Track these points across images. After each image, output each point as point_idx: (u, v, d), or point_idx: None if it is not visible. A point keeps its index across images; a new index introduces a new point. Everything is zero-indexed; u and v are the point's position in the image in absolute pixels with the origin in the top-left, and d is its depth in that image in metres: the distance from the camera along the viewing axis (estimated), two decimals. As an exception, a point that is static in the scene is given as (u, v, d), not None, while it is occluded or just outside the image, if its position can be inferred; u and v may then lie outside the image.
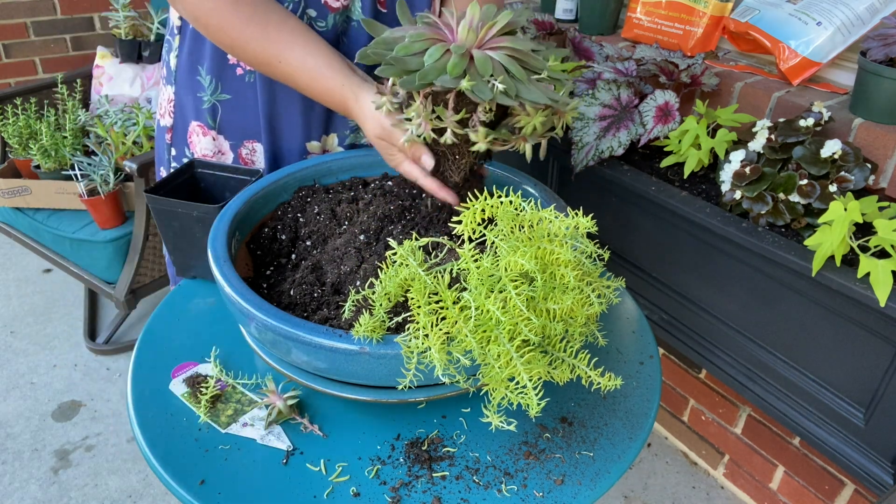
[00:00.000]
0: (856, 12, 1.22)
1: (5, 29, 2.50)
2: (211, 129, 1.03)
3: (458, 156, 0.78)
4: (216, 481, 0.69)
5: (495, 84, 0.67)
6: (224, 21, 0.84)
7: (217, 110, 1.01)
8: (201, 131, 1.03)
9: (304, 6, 0.92)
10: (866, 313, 0.98)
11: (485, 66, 0.68)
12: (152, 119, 1.99)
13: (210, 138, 1.03)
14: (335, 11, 0.94)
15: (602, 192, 1.36)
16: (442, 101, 0.71)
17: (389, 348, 0.64)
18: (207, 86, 0.99)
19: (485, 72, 0.68)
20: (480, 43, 0.71)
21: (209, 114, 1.01)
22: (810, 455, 1.48)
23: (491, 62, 0.69)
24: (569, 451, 0.74)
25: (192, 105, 1.02)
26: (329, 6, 0.93)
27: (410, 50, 0.70)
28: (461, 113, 0.70)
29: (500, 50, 0.71)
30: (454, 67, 0.67)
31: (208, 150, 1.04)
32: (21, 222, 2.02)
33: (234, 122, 1.02)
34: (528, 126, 0.72)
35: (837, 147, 1.04)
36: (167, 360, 0.85)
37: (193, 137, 1.04)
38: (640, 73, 1.32)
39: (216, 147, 1.04)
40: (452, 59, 0.68)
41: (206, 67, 0.98)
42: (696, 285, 1.24)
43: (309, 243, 0.85)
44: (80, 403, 1.94)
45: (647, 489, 1.73)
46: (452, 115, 0.70)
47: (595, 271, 0.70)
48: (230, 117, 1.01)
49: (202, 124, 1.03)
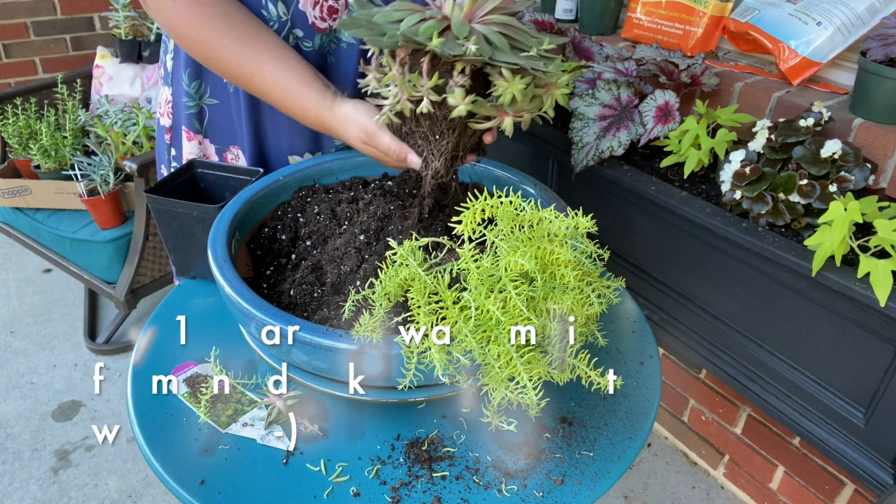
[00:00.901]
0: (856, 12, 1.22)
1: (5, 29, 2.50)
2: (197, 133, 1.02)
3: (437, 135, 0.74)
4: (216, 481, 0.69)
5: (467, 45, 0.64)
6: (199, 34, 0.83)
7: (204, 114, 1.01)
8: (187, 136, 1.03)
9: (291, 26, 0.91)
10: (866, 313, 0.98)
11: (461, 29, 0.66)
12: (152, 119, 1.99)
13: (196, 142, 1.03)
14: (322, 32, 0.94)
15: (602, 192, 1.36)
16: (418, 69, 0.69)
17: (389, 348, 0.64)
18: (192, 91, 0.98)
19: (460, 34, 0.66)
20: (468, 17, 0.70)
21: (195, 118, 1.01)
22: (810, 455, 1.48)
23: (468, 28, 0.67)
24: (569, 451, 0.74)
25: (181, 108, 1.02)
26: (316, 27, 0.93)
27: (390, 18, 0.68)
28: (435, 77, 0.68)
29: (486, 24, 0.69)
30: (427, 29, 0.65)
31: (194, 155, 1.04)
32: (21, 222, 2.02)
33: (220, 127, 1.02)
34: (507, 94, 0.68)
35: (837, 147, 1.04)
36: (167, 360, 0.85)
37: (183, 142, 1.04)
38: (640, 73, 1.32)
39: (201, 151, 1.04)
40: (427, 23, 0.66)
41: (189, 73, 0.97)
42: (696, 285, 1.24)
43: (309, 243, 0.85)
44: (80, 403, 1.94)
45: (647, 489, 1.73)
46: (427, 80, 0.68)
47: (595, 271, 0.70)
48: (216, 121, 1.01)
49: (188, 129, 1.02)
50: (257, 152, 1.02)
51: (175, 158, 1.09)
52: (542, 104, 0.72)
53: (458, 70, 0.67)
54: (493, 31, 0.68)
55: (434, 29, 0.65)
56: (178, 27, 0.84)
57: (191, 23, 0.83)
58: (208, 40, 0.83)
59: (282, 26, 0.91)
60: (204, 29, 0.83)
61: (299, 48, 0.93)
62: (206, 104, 1.00)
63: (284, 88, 0.84)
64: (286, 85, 0.84)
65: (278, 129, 1.00)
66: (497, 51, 0.67)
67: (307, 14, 0.91)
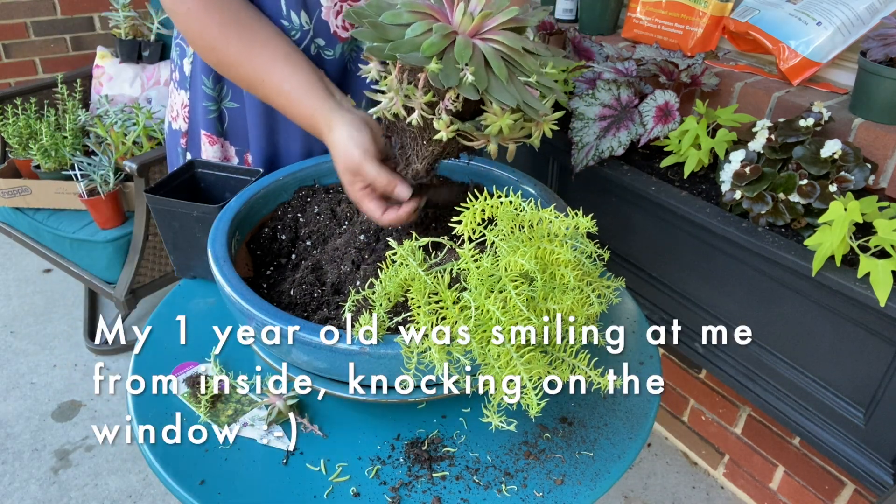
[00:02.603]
0: (856, 12, 1.22)
1: (5, 29, 2.50)
2: (219, 136, 1.03)
3: (425, 141, 0.74)
4: (216, 481, 0.69)
5: (466, 74, 0.63)
6: (212, 41, 0.84)
7: (224, 117, 1.01)
8: (209, 141, 1.03)
9: (314, 35, 0.91)
10: (866, 313, 0.98)
11: (463, 52, 0.64)
12: (152, 119, 1.99)
13: (218, 146, 1.03)
14: (344, 41, 0.94)
15: (602, 192, 1.36)
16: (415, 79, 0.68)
17: (389, 348, 0.64)
18: (213, 94, 0.99)
19: (461, 58, 0.64)
20: (476, 31, 0.68)
21: (217, 122, 1.01)
22: (810, 455, 1.48)
23: (472, 50, 0.65)
24: (569, 451, 0.74)
25: (201, 113, 1.02)
26: (338, 36, 0.93)
27: (398, 19, 0.66)
28: (429, 95, 0.67)
29: (491, 43, 0.67)
30: (429, 47, 0.64)
31: (216, 159, 1.04)
32: (21, 222, 2.02)
33: (241, 129, 1.02)
34: (494, 126, 0.67)
35: (837, 147, 1.04)
36: (167, 360, 0.85)
37: (203, 146, 1.04)
38: (640, 73, 1.32)
39: (223, 154, 1.04)
40: (431, 38, 0.64)
41: (213, 77, 0.97)
42: (696, 285, 1.24)
43: (309, 243, 0.85)
44: (80, 403, 1.94)
45: (647, 489, 1.73)
46: (422, 95, 0.67)
47: (595, 271, 0.70)
48: (237, 124, 1.01)
49: (209, 133, 1.02)
50: (269, 156, 1.02)
51: None
52: (531, 134, 0.72)
53: (452, 97, 0.66)
54: (496, 52, 0.67)
55: (436, 48, 0.64)
56: (191, 34, 0.85)
57: (203, 30, 0.83)
58: (219, 47, 0.84)
59: (304, 35, 0.91)
60: (215, 36, 0.83)
61: (321, 57, 0.93)
62: (225, 107, 1.00)
63: (287, 98, 0.84)
64: (288, 94, 0.84)
65: (291, 135, 1.00)
66: (493, 80, 0.65)
67: (329, 23, 0.91)
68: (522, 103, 0.66)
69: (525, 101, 0.66)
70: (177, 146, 1.09)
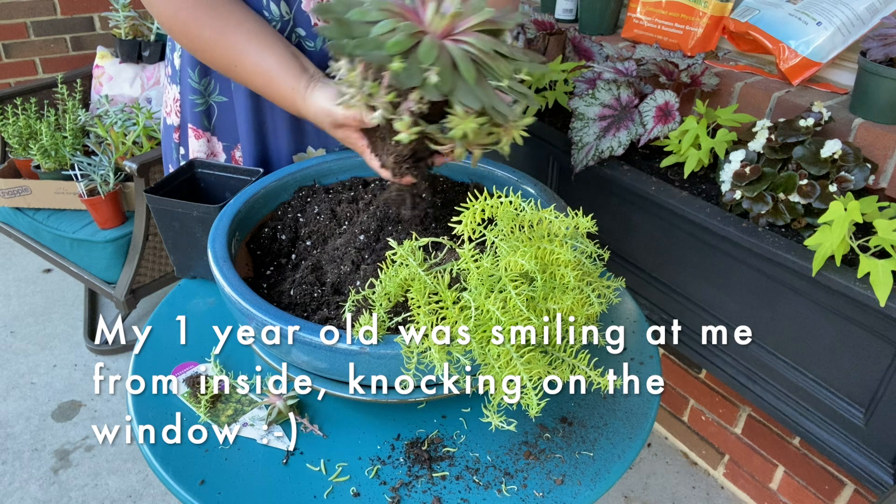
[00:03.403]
0: (856, 12, 1.22)
1: (5, 29, 2.50)
2: (206, 130, 1.02)
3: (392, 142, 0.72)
4: (216, 481, 0.69)
5: (430, 74, 0.61)
6: (184, 26, 0.84)
7: (213, 112, 1.01)
8: (194, 134, 1.03)
9: (294, 25, 0.91)
10: (866, 313, 0.98)
11: (428, 53, 0.62)
12: (152, 119, 1.99)
13: (204, 140, 1.03)
14: None
15: (602, 192, 1.36)
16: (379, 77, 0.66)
17: (389, 348, 0.64)
18: (200, 88, 0.99)
19: (426, 59, 0.62)
20: (447, 32, 0.65)
21: (204, 115, 1.01)
22: (810, 455, 1.48)
23: (437, 51, 0.62)
24: (569, 451, 0.74)
25: (188, 106, 1.02)
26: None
27: (365, 17, 0.64)
28: (391, 95, 0.65)
29: (462, 44, 0.65)
30: (394, 45, 0.62)
31: (202, 153, 1.04)
32: (21, 222, 2.02)
33: (228, 124, 1.02)
34: (458, 129, 0.65)
35: (837, 147, 1.04)
36: (167, 360, 0.85)
37: (189, 140, 1.04)
38: (640, 73, 1.32)
39: (210, 149, 1.04)
40: (396, 37, 0.62)
41: (199, 70, 0.97)
42: (696, 285, 1.24)
43: (309, 243, 0.85)
44: (80, 403, 1.94)
45: (647, 489, 1.73)
46: (384, 94, 0.65)
47: (595, 271, 0.70)
48: (225, 119, 1.01)
49: (195, 127, 1.02)
50: (259, 152, 1.02)
51: (184, 157, 1.09)
52: (499, 140, 0.69)
53: (416, 97, 0.64)
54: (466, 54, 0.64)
55: (401, 47, 0.62)
56: (165, 20, 0.85)
57: (176, 15, 0.83)
58: (192, 32, 0.84)
59: (284, 25, 0.91)
60: (188, 21, 0.83)
61: (302, 47, 0.93)
62: (214, 101, 1.00)
63: (264, 78, 0.84)
64: (265, 73, 0.84)
65: (279, 125, 1.00)
66: (459, 82, 0.62)
67: (311, 15, 0.91)
68: (490, 107, 0.64)
69: (493, 105, 0.64)
70: (171, 141, 1.09)
